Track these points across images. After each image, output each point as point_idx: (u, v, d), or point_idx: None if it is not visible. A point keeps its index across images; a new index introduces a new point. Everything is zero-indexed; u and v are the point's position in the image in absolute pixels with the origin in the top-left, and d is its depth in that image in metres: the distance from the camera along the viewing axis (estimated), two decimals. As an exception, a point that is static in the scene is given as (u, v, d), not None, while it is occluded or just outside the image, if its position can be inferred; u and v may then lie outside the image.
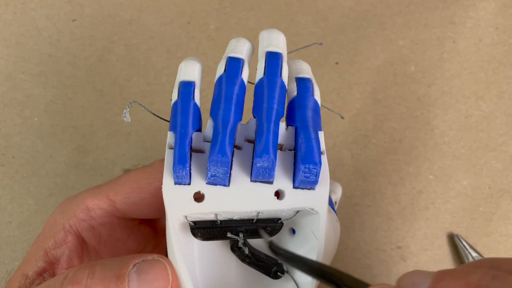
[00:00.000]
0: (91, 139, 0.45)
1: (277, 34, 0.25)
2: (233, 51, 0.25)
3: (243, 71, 0.24)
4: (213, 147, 0.21)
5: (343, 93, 0.46)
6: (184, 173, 0.22)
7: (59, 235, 0.25)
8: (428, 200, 0.43)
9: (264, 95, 0.23)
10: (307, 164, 0.21)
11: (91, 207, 0.26)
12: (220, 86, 0.23)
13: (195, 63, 0.25)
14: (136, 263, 0.22)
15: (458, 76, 0.46)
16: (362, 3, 0.49)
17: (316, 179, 0.22)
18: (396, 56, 0.47)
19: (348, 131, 0.45)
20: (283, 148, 0.23)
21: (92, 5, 0.49)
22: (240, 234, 0.24)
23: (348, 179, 0.44)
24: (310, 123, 0.23)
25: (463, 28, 0.47)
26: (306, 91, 0.24)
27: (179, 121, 0.23)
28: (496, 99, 0.45)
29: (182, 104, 0.23)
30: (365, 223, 0.42)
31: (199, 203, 0.22)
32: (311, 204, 0.22)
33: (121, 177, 0.26)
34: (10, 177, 0.44)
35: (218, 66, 0.24)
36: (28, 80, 0.47)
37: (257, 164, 0.21)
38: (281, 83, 0.23)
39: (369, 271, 0.41)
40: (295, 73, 0.25)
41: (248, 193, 0.22)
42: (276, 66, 0.23)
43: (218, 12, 0.48)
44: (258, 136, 0.22)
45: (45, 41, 0.48)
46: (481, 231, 0.42)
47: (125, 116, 0.25)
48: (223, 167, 0.21)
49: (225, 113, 0.22)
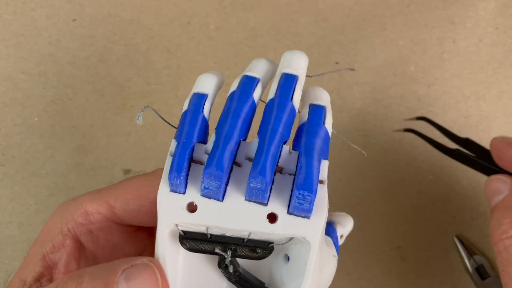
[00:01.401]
0: (91, 139, 0.45)
1: (298, 56, 0.25)
2: (250, 70, 0.25)
3: (255, 91, 0.24)
4: (209, 159, 0.21)
5: (343, 93, 0.46)
6: (179, 181, 0.22)
7: (57, 239, 0.25)
8: (428, 200, 0.43)
9: (271, 116, 0.22)
10: (301, 190, 0.21)
11: (90, 211, 0.26)
12: (230, 102, 0.23)
13: (213, 77, 0.25)
14: (125, 269, 0.21)
15: (458, 76, 0.46)
16: (362, 3, 0.49)
17: (310, 207, 0.21)
18: (396, 56, 0.47)
19: (348, 131, 0.45)
20: (283, 172, 0.23)
21: (92, 5, 0.49)
22: (229, 251, 0.23)
23: (348, 179, 0.44)
24: (315, 150, 0.23)
25: (463, 28, 0.47)
26: (318, 118, 0.24)
27: (184, 131, 0.23)
28: (496, 99, 0.45)
29: (190, 114, 0.23)
30: (365, 223, 0.42)
31: (191, 213, 0.22)
32: (303, 233, 0.22)
33: (122, 183, 0.26)
34: (10, 177, 0.44)
35: (233, 83, 0.24)
36: (28, 80, 0.47)
37: (251, 184, 0.21)
38: (291, 107, 0.23)
39: (369, 271, 0.42)
40: (311, 99, 0.25)
41: (240, 211, 0.22)
42: (289, 89, 0.23)
43: (218, 12, 0.48)
44: (256, 156, 0.22)
45: (45, 41, 0.48)
46: (482, 231, 0.42)
47: (138, 119, 0.25)
48: (216, 180, 0.21)
49: (229, 128, 0.22)
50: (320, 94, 0.26)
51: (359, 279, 0.41)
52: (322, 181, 0.23)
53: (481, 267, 0.40)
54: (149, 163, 0.44)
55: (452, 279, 0.41)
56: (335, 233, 0.33)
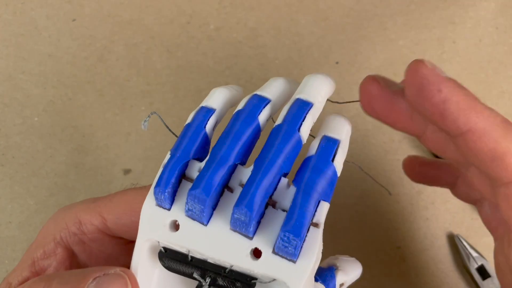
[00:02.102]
0: (91, 139, 0.45)
1: (320, 82, 0.23)
2: (263, 89, 0.23)
3: (262, 113, 0.22)
4: (197, 180, 0.20)
5: (343, 93, 0.46)
6: (163, 197, 0.21)
7: (49, 246, 0.25)
8: (427, 200, 0.43)
9: (273, 145, 0.21)
10: (287, 232, 0.19)
11: (83, 221, 0.25)
12: (233, 122, 0.22)
13: (226, 92, 0.24)
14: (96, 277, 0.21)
15: (458, 76, 0.46)
16: (362, 2, 0.49)
17: (295, 252, 0.19)
18: (396, 56, 0.47)
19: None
20: (277, 206, 0.21)
21: (92, 5, 0.49)
22: (207, 278, 0.22)
23: (348, 179, 0.44)
24: (315, 190, 0.20)
25: (463, 28, 0.47)
26: (327, 154, 0.21)
27: (181, 145, 0.22)
28: (497, 99, 0.45)
29: (192, 129, 0.22)
30: (365, 223, 0.42)
31: (172, 232, 0.21)
32: (285, 277, 0.20)
33: (117, 195, 0.25)
34: (10, 177, 0.44)
35: (242, 100, 0.23)
36: (28, 80, 0.47)
37: (234, 214, 0.20)
38: (297, 138, 0.21)
39: (368, 271, 0.41)
40: (326, 130, 0.23)
41: (223, 240, 0.20)
42: (298, 117, 0.21)
43: (218, 12, 0.48)
44: (246, 185, 0.20)
45: (45, 41, 0.48)
46: (482, 231, 0.42)
47: (143, 125, 0.24)
48: (200, 204, 0.20)
49: (226, 151, 0.21)
50: (339, 126, 0.23)
51: (359, 279, 0.41)
52: (316, 224, 0.21)
53: (481, 267, 0.40)
54: (149, 163, 0.44)
55: (452, 279, 0.41)
56: (333, 281, 0.30)
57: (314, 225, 0.20)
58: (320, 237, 0.21)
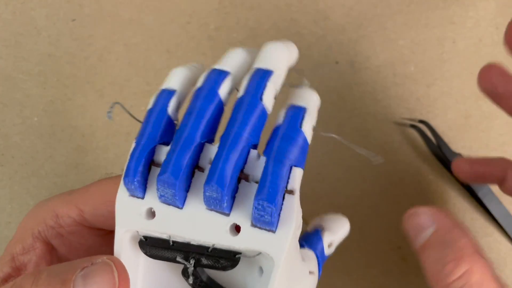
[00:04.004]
0: (91, 139, 0.45)
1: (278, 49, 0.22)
2: (220, 62, 0.22)
3: (222, 87, 0.21)
4: (164, 165, 0.20)
5: (343, 93, 0.46)
6: (133, 186, 0.20)
7: (27, 241, 0.25)
8: (428, 200, 0.43)
9: (237, 117, 0.20)
10: (261, 200, 0.19)
11: (60, 214, 0.25)
12: (194, 100, 0.21)
13: (185, 71, 0.23)
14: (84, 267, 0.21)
15: (458, 76, 0.46)
16: (362, 2, 0.49)
17: (272, 220, 0.19)
18: (396, 56, 0.47)
19: (348, 132, 0.45)
20: (249, 179, 0.20)
21: (91, 5, 0.49)
22: (191, 260, 0.21)
23: (348, 179, 0.44)
24: (286, 157, 0.20)
25: (463, 28, 0.47)
26: (294, 121, 0.21)
27: (145, 132, 0.21)
28: (496, 99, 0.45)
29: (154, 113, 0.22)
30: (365, 223, 0.42)
31: (149, 220, 0.21)
32: (266, 248, 0.20)
33: (92, 186, 0.25)
34: (9, 177, 0.44)
35: (200, 77, 0.22)
36: (28, 80, 0.47)
37: (206, 192, 0.20)
38: (261, 109, 0.20)
39: (368, 271, 0.41)
40: (293, 99, 0.22)
41: (200, 221, 0.20)
42: (259, 87, 0.20)
43: (218, 12, 0.48)
44: (213, 162, 0.19)
45: (45, 41, 0.48)
46: (482, 231, 0.42)
47: (108, 116, 0.24)
48: (171, 188, 0.20)
49: (190, 131, 0.20)
50: (305, 95, 0.23)
51: (359, 279, 0.41)
52: (291, 191, 0.20)
53: (481, 267, 0.40)
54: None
55: (452, 279, 0.41)
56: (320, 243, 0.29)
57: (289, 192, 0.20)
58: (297, 204, 0.21)
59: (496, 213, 0.42)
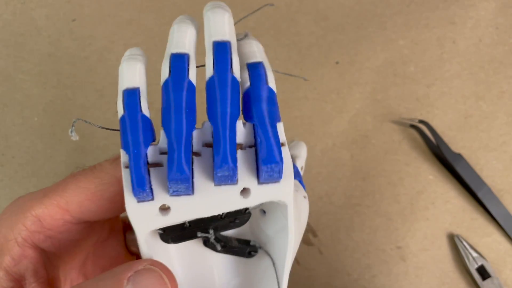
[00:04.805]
0: (91, 139, 0.45)
1: (221, 16, 0.23)
2: (176, 45, 0.23)
3: (189, 70, 0.22)
4: (170, 165, 0.20)
5: (343, 93, 0.46)
6: (145, 194, 0.21)
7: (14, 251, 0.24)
8: (428, 200, 0.43)
9: (216, 97, 0.21)
10: (268, 164, 0.21)
11: (42, 217, 0.24)
12: (167, 93, 0.22)
13: (135, 63, 0.23)
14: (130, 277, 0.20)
15: (458, 76, 0.46)
16: (362, 2, 0.49)
17: (280, 175, 0.21)
18: (396, 56, 0.47)
19: (348, 132, 0.45)
20: (244, 147, 0.22)
21: (92, 5, 0.49)
22: (211, 231, 0.23)
23: (348, 179, 0.44)
24: (266, 118, 0.22)
25: (463, 28, 0.47)
26: (259, 79, 0.22)
27: (129, 139, 0.21)
28: (497, 99, 0.45)
29: (130, 119, 0.22)
30: (365, 223, 0.42)
31: (165, 215, 0.21)
32: (278, 197, 0.22)
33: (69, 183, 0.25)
34: (10, 177, 0.44)
35: (162, 66, 0.22)
36: (28, 80, 0.47)
37: (218, 174, 0.21)
38: (232, 80, 0.21)
39: (368, 271, 0.42)
40: (245, 58, 0.23)
41: (213, 197, 0.22)
42: (225, 61, 0.21)
43: (218, 12, 0.48)
44: (215, 146, 0.21)
45: (45, 41, 0.48)
46: (482, 231, 0.42)
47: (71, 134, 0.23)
48: (183, 183, 0.21)
49: (177, 125, 0.21)
50: (253, 48, 0.24)
51: (359, 279, 0.41)
52: (282, 143, 0.22)
53: (481, 267, 0.40)
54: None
55: (452, 279, 0.41)
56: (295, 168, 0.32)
57: (282, 145, 0.22)
58: (288, 152, 0.22)
59: (496, 213, 0.42)
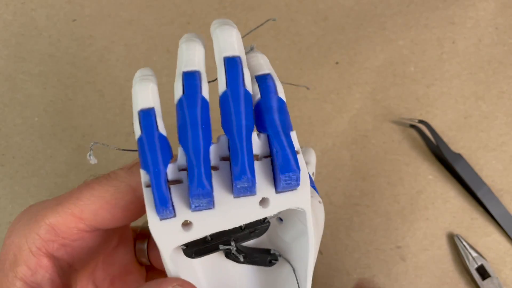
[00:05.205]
0: (91, 139, 0.45)
1: (230, 33, 0.24)
2: (187, 63, 0.24)
3: (202, 87, 0.23)
4: (191, 181, 0.21)
5: (343, 93, 0.46)
6: (168, 211, 0.21)
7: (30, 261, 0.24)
8: (427, 200, 0.43)
9: (231, 110, 0.22)
10: (287, 173, 0.21)
11: (56, 225, 0.24)
12: (182, 110, 0.22)
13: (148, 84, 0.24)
14: None
15: (458, 76, 0.46)
16: (362, 3, 0.49)
17: (298, 182, 0.22)
18: (396, 56, 0.47)
19: (348, 132, 0.45)
20: (260, 157, 0.23)
21: (92, 5, 0.49)
22: (232, 242, 0.24)
23: (348, 179, 0.44)
24: (279, 127, 0.22)
25: (463, 29, 0.47)
26: (270, 91, 0.23)
27: (149, 159, 0.22)
28: (496, 99, 0.45)
29: (148, 139, 0.22)
30: (365, 223, 0.42)
31: (188, 231, 0.22)
32: (296, 204, 0.22)
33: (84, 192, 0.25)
34: (10, 177, 0.44)
35: (175, 85, 0.23)
36: (28, 80, 0.47)
37: (238, 185, 0.21)
38: (245, 94, 0.22)
39: (368, 271, 0.42)
40: (253, 70, 0.24)
41: (234, 209, 0.22)
42: (237, 75, 0.22)
43: (218, 12, 0.48)
44: (233, 158, 0.21)
45: (45, 41, 0.48)
46: (482, 231, 0.42)
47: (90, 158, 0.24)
48: (205, 197, 0.21)
49: (194, 141, 0.21)
50: (260, 61, 0.24)
51: (358, 279, 0.41)
52: (297, 151, 0.22)
53: (481, 267, 0.40)
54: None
55: (452, 279, 0.41)
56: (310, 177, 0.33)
57: (297, 153, 0.22)
58: (303, 160, 0.23)
59: (496, 213, 0.42)
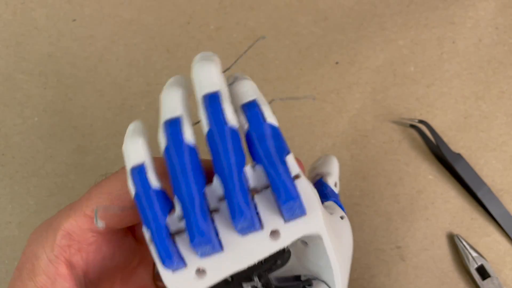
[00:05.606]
0: (91, 139, 0.45)
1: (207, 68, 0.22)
2: (167, 111, 0.23)
3: (185, 133, 0.22)
4: (189, 229, 0.21)
5: (343, 93, 0.46)
6: (176, 263, 0.21)
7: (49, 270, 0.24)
8: (427, 200, 0.43)
9: (218, 150, 0.21)
10: (286, 202, 0.20)
11: (71, 230, 0.25)
12: (170, 159, 0.22)
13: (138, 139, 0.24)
14: None
15: (458, 76, 0.46)
16: (362, 2, 0.49)
17: (303, 209, 0.21)
18: (396, 56, 0.47)
19: (348, 132, 0.45)
20: (259, 190, 0.22)
21: (92, 5, 0.49)
22: (255, 278, 0.23)
23: (348, 179, 0.44)
24: (272, 156, 0.21)
25: (463, 28, 0.47)
26: (257, 119, 0.22)
27: (149, 216, 0.22)
28: (496, 99, 0.45)
29: (144, 196, 0.22)
30: (365, 223, 0.42)
31: (203, 278, 0.22)
32: (309, 230, 0.21)
33: (93, 191, 0.25)
34: (10, 177, 0.44)
35: (158, 135, 0.23)
36: (28, 80, 0.47)
37: (237, 227, 0.21)
38: (230, 130, 0.21)
39: (368, 271, 0.42)
40: (239, 100, 0.23)
41: (244, 249, 0.21)
42: (218, 112, 0.21)
43: (218, 12, 0.48)
44: (227, 199, 0.21)
45: (45, 41, 0.48)
46: (482, 231, 0.42)
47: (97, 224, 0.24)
48: (207, 244, 0.21)
49: (187, 190, 0.21)
50: (243, 89, 0.23)
51: (358, 279, 0.41)
52: (297, 176, 0.21)
53: (481, 267, 0.40)
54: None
55: (451, 279, 0.41)
56: (329, 189, 0.31)
57: (296, 178, 0.21)
58: (306, 181, 0.22)
59: (496, 213, 0.42)
